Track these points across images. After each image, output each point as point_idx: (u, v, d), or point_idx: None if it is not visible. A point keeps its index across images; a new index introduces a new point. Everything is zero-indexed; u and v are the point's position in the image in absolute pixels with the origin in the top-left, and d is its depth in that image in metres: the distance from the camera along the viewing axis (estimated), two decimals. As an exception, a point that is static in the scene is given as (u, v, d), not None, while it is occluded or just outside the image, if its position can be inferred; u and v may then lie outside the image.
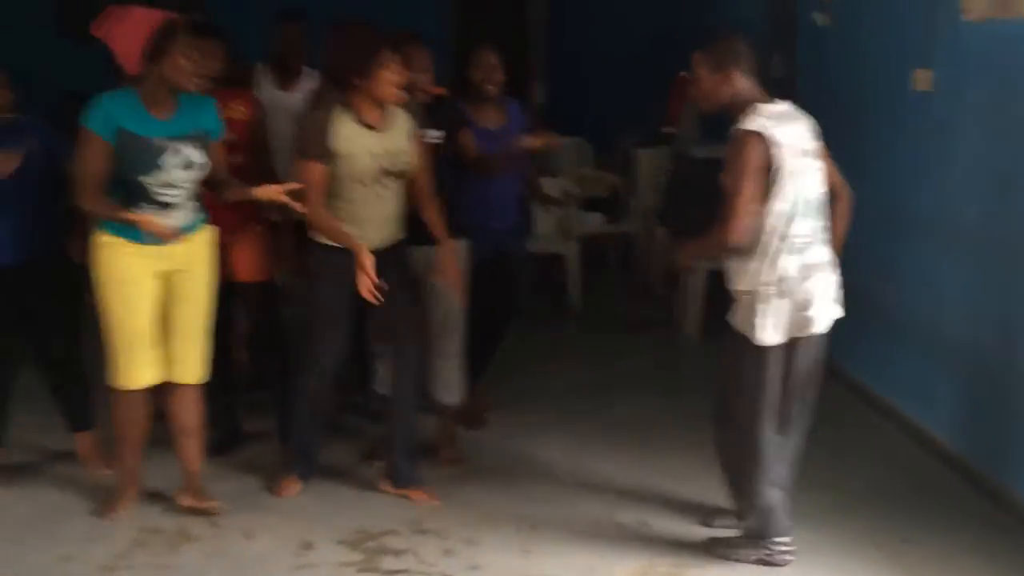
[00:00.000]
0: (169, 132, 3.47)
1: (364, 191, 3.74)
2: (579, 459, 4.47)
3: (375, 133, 3.71)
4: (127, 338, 3.59)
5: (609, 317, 6.79)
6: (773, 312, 3.30)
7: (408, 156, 3.78)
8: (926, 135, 4.61)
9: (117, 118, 3.41)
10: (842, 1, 5.55)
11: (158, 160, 3.44)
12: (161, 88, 3.45)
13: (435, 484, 4.13)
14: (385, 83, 3.63)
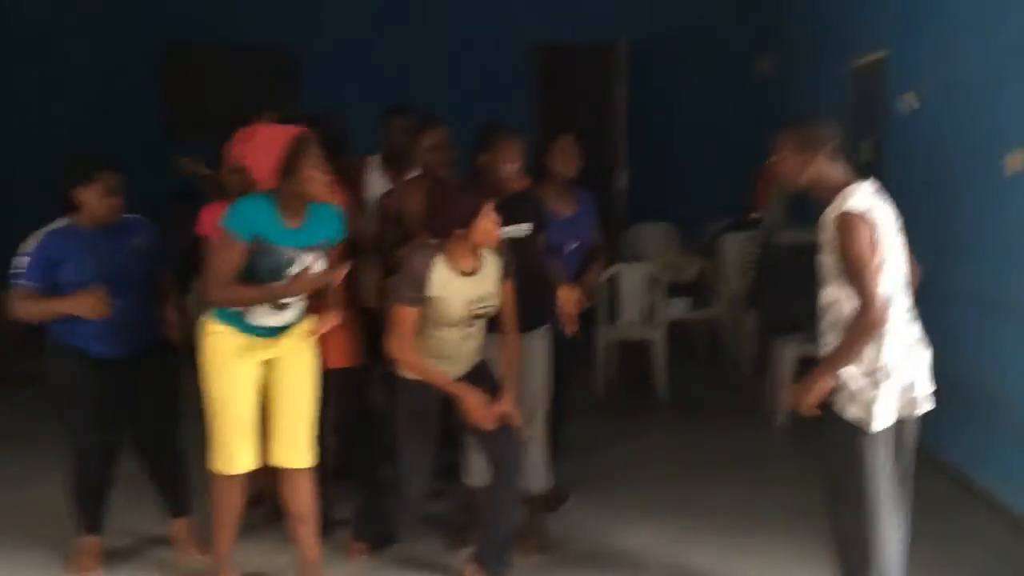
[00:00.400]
0: (299, 242, 3.61)
1: (452, 331, 3.86)
2: (670, 549, 4.39)
3: (468, 279, 3.83)
4: (229, 423, 3.68)
5: (697, 404, 6.70)
6: (884, 396, 3.22)
7: (496, 299, 3.90)
8: (1020, 219, 4.51)
9: (256, 224, 3.54)
10: (931, 84, 5.50)
11: (286, 270, 3.60)
12: (294, 199, 3.58)
13: (523, 573, 4.09)
14: (483, 232, 3.75)
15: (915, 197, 5.47)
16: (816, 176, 3.29)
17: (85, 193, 3.85)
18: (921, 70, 5.61)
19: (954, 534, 4.44)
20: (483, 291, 3.84)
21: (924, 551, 3.90)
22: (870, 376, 3.22)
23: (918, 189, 5.51)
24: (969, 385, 4.88)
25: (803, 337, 5.87)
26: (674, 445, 5.86)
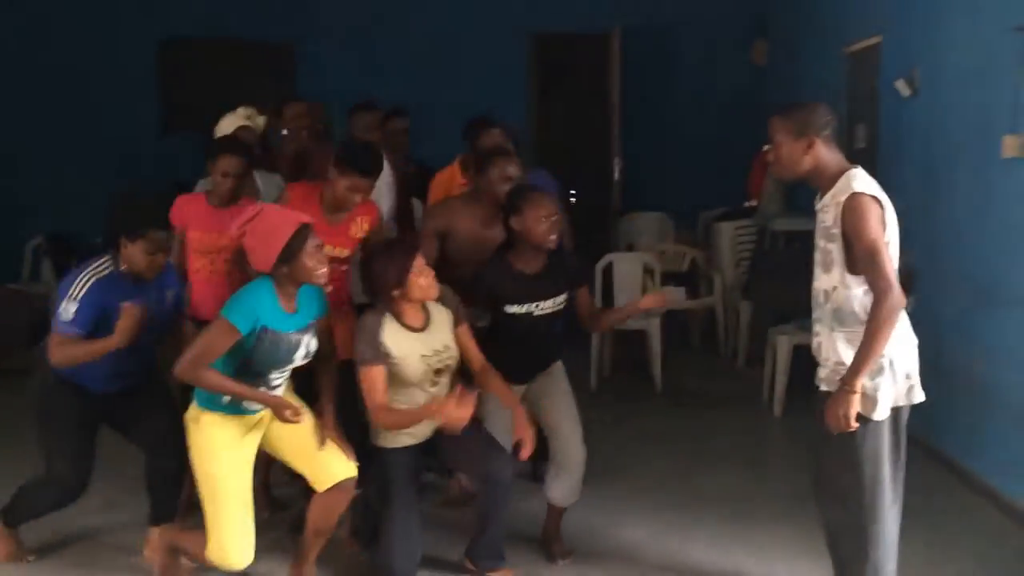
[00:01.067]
0: (298, 325, 3.61)
1: (417, 393, 3.80)
2: (665, 538, 4.39)
3: (419, 335, 3.78)
4: (226, 513, 3.56)
5: (692, 393, 6.70)
6: (885, 385, 3.17)
7: (454, 350, 3.83)
8: (1017, 203, 4.49)
9: (261, 316, 3.50)
10: (925, 69, 5.48)
11: (294, 355, 3.61)
12: (290, 284, 3.57)
13: (518, 565, 4.08)
14: (419, 288, 3.71)
15: (909, 183, 5.47)
16: (814, 161, 3.21)
17: (131, 248, 3.79)
18: (915, 55, 5.59)
19: (947, 521, 4.45)
20: (437, 344, 3.78)
21: (917, 538, 3.91)
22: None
23: (912, 175, 5.50)
24: (963, 372, 4.87)
25: (798, 325, 5.87)
26: (669, 434, 5.86)
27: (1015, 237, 4.51)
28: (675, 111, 9.79)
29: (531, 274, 3.97)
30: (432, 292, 3.75)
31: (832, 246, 3.15)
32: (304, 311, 3.64)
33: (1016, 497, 4.48)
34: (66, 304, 3.75)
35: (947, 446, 5.07)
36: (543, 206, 3.88)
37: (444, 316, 3.85)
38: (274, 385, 3.64)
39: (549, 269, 4.02)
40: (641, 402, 6.51)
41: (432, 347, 3.75)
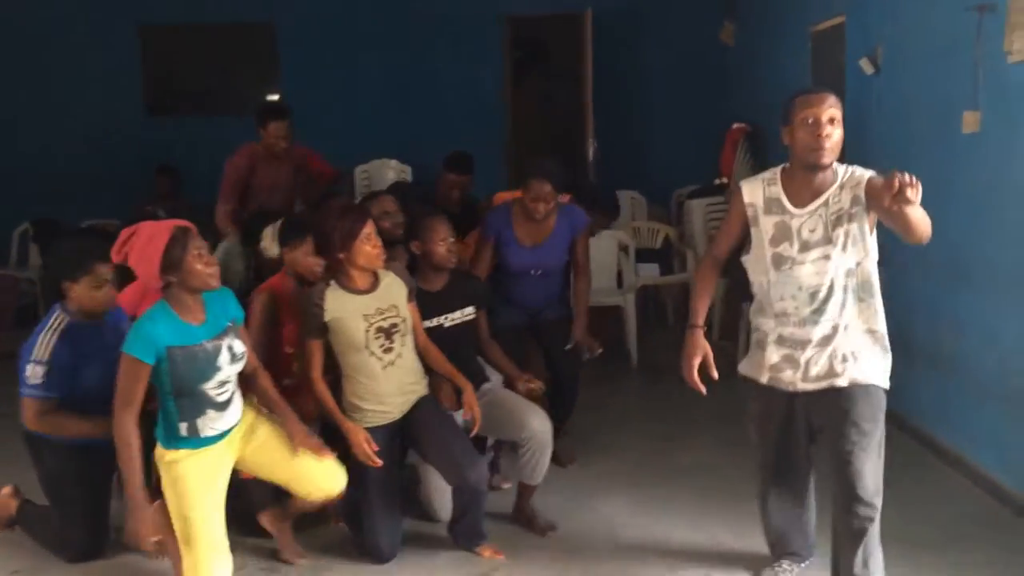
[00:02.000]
0: (210, 333, 3.52)
1: (373, 363, 3.92)
2: (642, 512, 4.50)
3: (363, 296, 3.93)
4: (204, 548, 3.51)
5: (667, 368, 6.79)
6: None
7: (403, 312, 3.98)
8: (976, 177, 4.63)
9: (159, 340, 3.40)
10: (888, 49, 5.60)
11: (216, 363, 3.50)
12: (186, 295, 3.48)
13: (499, 540, 4.19)
14: (364, 256, 3.88)
15: (873, 159, 5.56)
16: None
17: (76, 288, 3.82)
18: (878, 34, 5.70)
19: (919, 492, 4.55)
20: (381, 304, 3.91)
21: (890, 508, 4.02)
22: (882, 343, 3.42)
23: (876, 151, 5.61)
24: (931, 346, 5.00)
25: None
26: (645, 409, 5.96)
27: (976, 210, 4.64)
28: (647, 91, 9.89)
29: (435, 291, 4.28)
30: (377, 261, 3.90)
31: (852, 224, 3.28)
32: (214, 318, 3.55)
33: (984, 466, 4.62)
34: (33, 368, 3.78)
35: (919, 419, 5.21)
36: (439, 231, 4.22)
37: (398, 286, 4.00)
38: (220, 402, 3.55)
39: (452, 286, 4.34)
40: (617, 377, 6.63)
41: (375, 307, 3.89)
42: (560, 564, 4.04)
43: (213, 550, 3.52)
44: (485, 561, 4.05)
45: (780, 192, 3.39)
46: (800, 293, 3.36)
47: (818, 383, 3.41)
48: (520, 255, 4.76)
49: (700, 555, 4.07)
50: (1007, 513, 4.35)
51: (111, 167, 9.47)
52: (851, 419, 3.33)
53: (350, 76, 9.75)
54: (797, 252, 3.34)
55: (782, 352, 3.45)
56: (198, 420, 3.52)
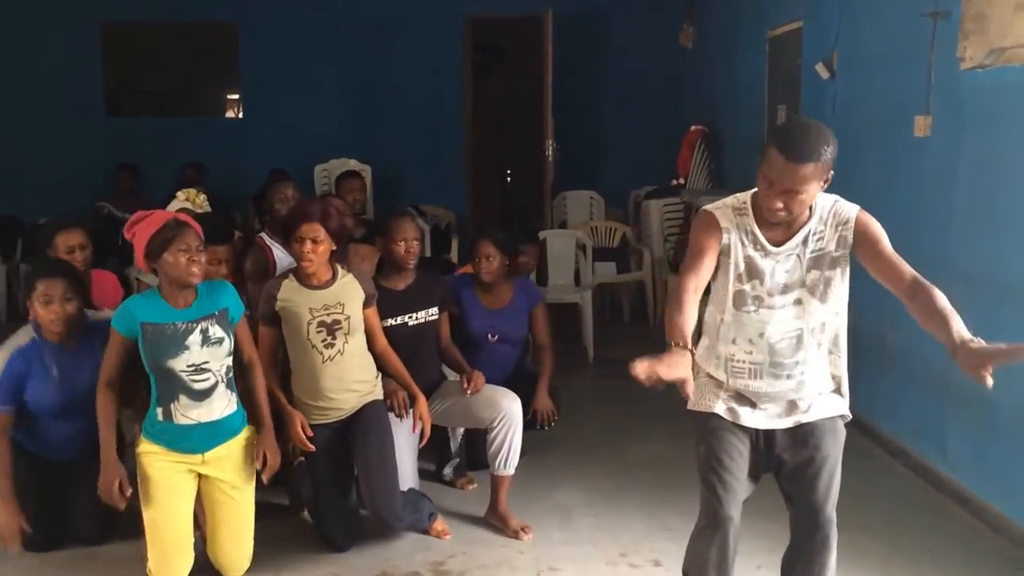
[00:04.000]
0: (188, 317, 3.55)
1: (315, 356, 3.97)
2: (596, 503, 4.58)
3: (314, 291, 3.98)
4: (167, 542, 3.61)
5: (622, 364, 6.84)
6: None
7: (350, 312, 3.99)
8: (926, 179, 4.75)
9: (138, 316, 3.52)
10: (843, 54, 5.71)
11: (184, 341, 3.51)
12: (171, 284, 3.53)
13: (456, 526, 4.27)
14: (297, 254, 3.93)
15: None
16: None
17: (33, 306, 3.79)
18: (833, 40, 5.82)
19: (864, 481, 4.61)
20: (328, 300, 3.96)
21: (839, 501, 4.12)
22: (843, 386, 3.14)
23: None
24: (876, 340, 5.12)
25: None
26: (601, 402, 6.03)
27: (923, 210, 4.76)
28: (606, 93, 9.98)
29: (400, 290, 4.36)
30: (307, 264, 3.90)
31: (834, 272, 2.92)
32: (201, 305, 3.59)
33: (925, 456, 4.76)
34: None
35: (865, 412, 5.32)
36: (398, 230, 4.29)
37: (353, 288, 4.04)
38: (195, 389, 3.54)
39: (417, 285, 4.41)
40: (574, 372, 6.67)
41: (322, 302, 3.95)
42: (514, 551, 4.09)
43: (174, 547, 3.61)
44: (442, 549, 4.09)
45: (752, 224, 2.89)
46: (760, 341, 2.92)
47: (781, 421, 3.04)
48: (480, 316, 4.69)
49: (651, 540, 4.15)
50: (946, 500, 4.50)
51: (70, 165, 9.40)
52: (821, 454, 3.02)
53: (311, 75, 9.75)
54: (767, 294, 2.90)
55: (731, 404, 3.03)
56: (172, 404, 3.54)
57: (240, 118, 10.07)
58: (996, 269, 4.18)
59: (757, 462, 3.05)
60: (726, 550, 3.00)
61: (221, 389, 3.61)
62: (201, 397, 3.56)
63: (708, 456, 3.01)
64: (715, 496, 2.97)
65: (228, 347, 3.62)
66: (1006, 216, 4.12)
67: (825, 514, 3.04)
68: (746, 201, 2.93)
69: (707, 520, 3.01)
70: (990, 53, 4.21)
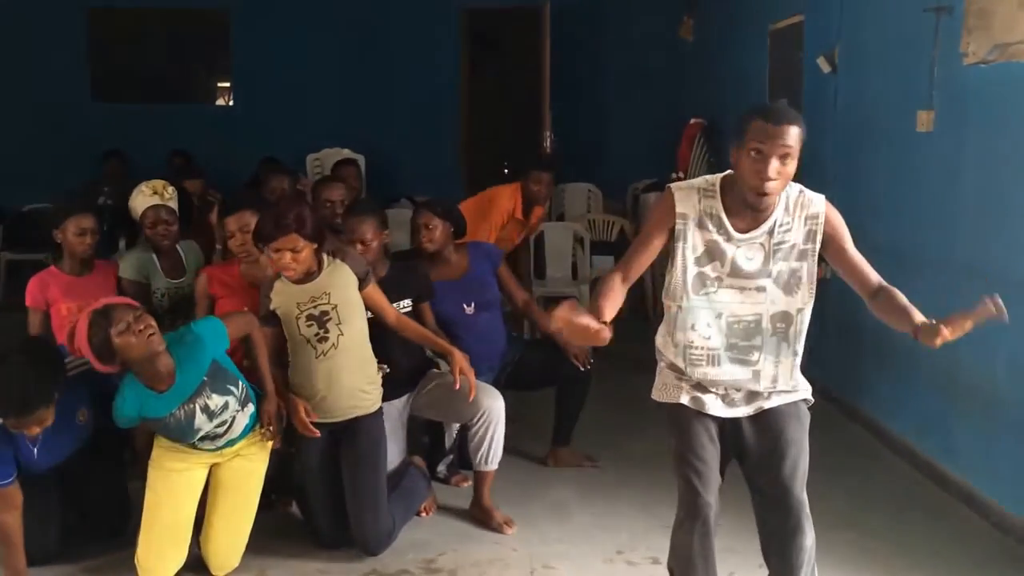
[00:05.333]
0: (180, 398, 3.52)
1: (308, 352, 3.89)
2: (592, 498, 4.54)
3: (301, 286, 3.91)
4: (164, 529, 3.60)
5: (619, 358, 6.81)
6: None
7: (338, 300, 3.90)
8: (929, 175, 4.70)
9: (132, 414, 3.52)
10: (845, 48, 5.66)
11: (192, 426, 3.55)
12: (144, 365, 3.44)
13: (448, 522, 4.23)
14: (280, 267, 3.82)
15: (829, 156, 5.67)
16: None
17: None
18: (835, 34, 5.77)
19: (869, 482, 4.64)
20: (315, 292, 3.88)
21: (839, 499, 4.10)
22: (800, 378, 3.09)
23: (832, 149, 5.69)
24: (882, 338, 5.06)
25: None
26: (599, 397, 5.97)
27: (928, 206, 4.72)
28: (605, 85, 9.94)
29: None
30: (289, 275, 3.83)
31: (801, 264, 2.88)
32: (184, 378, 3.52)
33: (931, 454, 4.71)
34: None
35: (869, 409, 5.29)
36: (355, 231, 4.23)
37: (340, 273, 3.95)
38: (217, 434, 3.61)
39: (390, 278, 4.30)
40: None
41: (308, 295, 3.88)
42: (507, 548, 4.05)
43: (169, 536, 3.61)
44: (434, 546, 4.04)
45: (719, 208, 2.87)
46: (717, 322, 2.90)
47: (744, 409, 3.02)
48: (447, 292, 4.57)
49: (648, 538, 4.10)
50: (952, 500, 4.46)
51: (55, 151, 9.33)
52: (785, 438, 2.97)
53: (304, 64, 9.70)
54: (727, 275, 2.87)
55: (694, 394, 3.00)
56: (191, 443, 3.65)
57: (231, 106, 10.01)
58: (1000, 265, 4.13)
59: (725, 450, 3.04)
60: (708, 538, 2.97)
61: (239, 416, 3.68)
62: (222, 435, 3.66)
63: (680, 448, 3.00)
64: (691, 487, 2.96)
65: (235, 403, 3.64)
66: (1010, 212, 4.08)
67: (795, 496, 2.97)
68: (715, 184, 2.91)
69: (686, 511, 3.00)
70: (993, 48, 4.16)
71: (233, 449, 3.72)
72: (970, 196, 4.37)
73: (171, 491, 3.61)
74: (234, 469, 3.74)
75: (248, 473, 3.78)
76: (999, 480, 4.21)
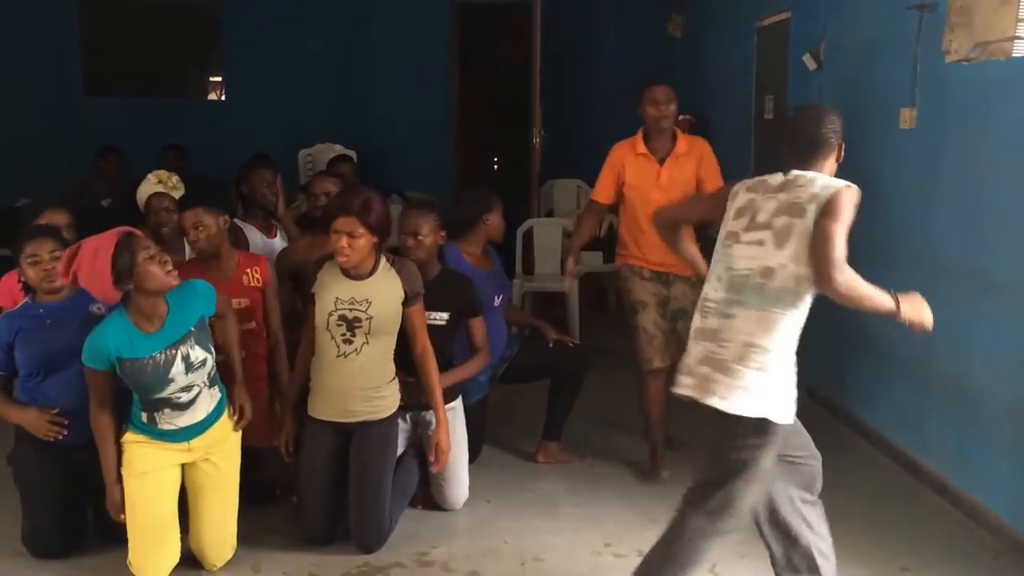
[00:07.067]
0: (165, 342, 3.50)
1: (331, 348, 3.87)
2: (581, 491, 4.59)
3: (350, 281, 3.89)
4: (145, 529, 3.61)
5: (607, 353, 6.88)
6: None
7: (377, 310, 3.86)
8: (911, 171, 4.76)
9: (111, 350, 3.45)
10: (830, 45, 5.72)
11: (167, 375, 3.50)
12: (145, 300, 3.47)
13: (439, 516, 4.28)
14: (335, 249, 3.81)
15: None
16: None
17: (23, 265, 3.73)
18: (821, 31, 5.82)
19: (846, 474, 4.64)
20: (357, 294, 3.85)
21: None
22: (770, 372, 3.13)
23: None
24: (860, 331, 5.14)
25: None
26: (586, 393, 6.00)
27: (908, 202, 4.79)
28: (594, 81, 9.97)
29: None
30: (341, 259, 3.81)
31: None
32: (173, 323, 3.54)
33: (906, 445, 4.80)
34: None
35: (847, 401, 5.36)
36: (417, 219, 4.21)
37: (392, 283, 3.91)
38: (180, 403, 3.57)
39: (439, 285, 4.27)
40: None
41: (351, 294, 3.85)
42: (498, 540, 4.10)
43: (152, 536, 3.62)
44: (425, 540, 4.09)
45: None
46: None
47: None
48: (483, 282, 4.62)
49: (635, 530, 4.16)
50: (926, 490, 4.55)
51: (45, 145, 9.30)
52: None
53: (295, 59, 9.70)
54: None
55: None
56: (155, 414, 3.59)
57: (223, 100, 10.02)
58: (979, 261, 4.20)
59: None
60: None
61: (204, 393, 3.65)
62: (186, 407, 3.61)
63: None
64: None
65: (211, 363, 3.63)
66: (989, 208, 4.14)
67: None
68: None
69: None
70: (975, 47, 4.22)
71: (202, 446, 3.67)
72: (950, 193, 4.43)
73: (145, 494, 3.60)
74: (207, 473, 3.72)
75: (220, 474, 3.75)
76: (972, 472, 4.29)
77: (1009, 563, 3.87)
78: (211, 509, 3.75)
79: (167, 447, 3.63)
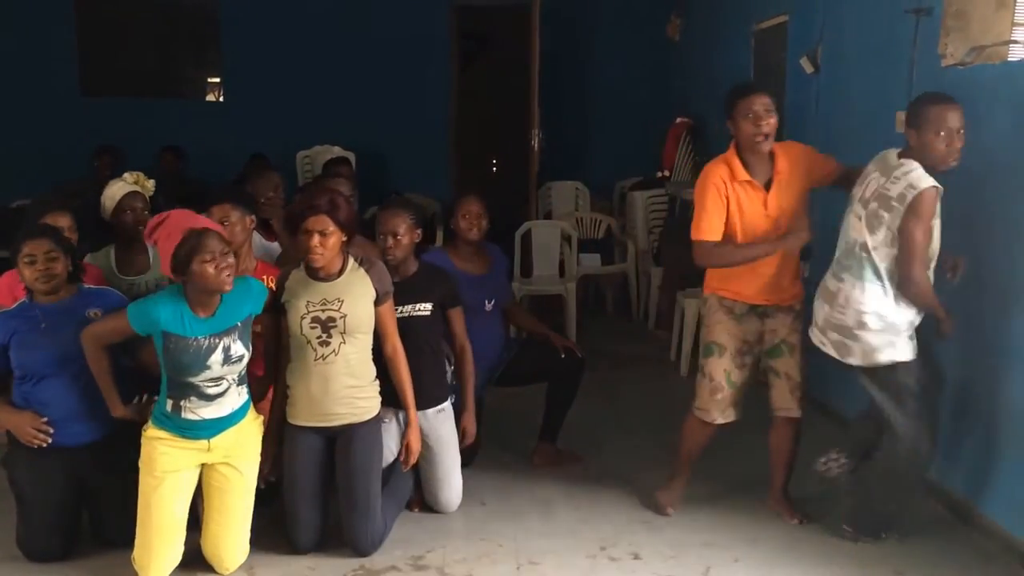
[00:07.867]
0: (212, 329, 3.58)
1: (308, 353, 3.86)
2: (577, 494, 4.59)
3: (319, 284, 3.89)
4: (156, 529, 3.62)
5: (605, 355, 6.90)
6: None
7: (348, 310, 3.86)
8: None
9: (160, 322, 3.54)
10: (827, 48, 5.72)
11: (206, 361, 3.56)
12: (199, 291, 3.56)
13: (435, 519, 4.28)
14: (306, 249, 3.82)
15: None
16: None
17: (20, 266, 3.73)
18: (818, 34, 5.82)
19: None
20: (330, 295, 3.85)
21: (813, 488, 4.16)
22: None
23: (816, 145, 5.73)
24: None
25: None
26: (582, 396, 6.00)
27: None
28: (593, 83, 9.97)
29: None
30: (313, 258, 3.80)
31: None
32: (225, 315, 3.62)
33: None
34: None
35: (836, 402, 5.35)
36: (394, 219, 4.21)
37: (362, 282, 3.92)
38: (209, 394, 3.61)
39: (419, 279, 4.32)
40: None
41: (322, 296, 3.86)
42: (493, 544, 4.10)
43: (162, 537, 3.63)
44: (421, 543, 4.09)
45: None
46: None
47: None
48: (472, 286, 4.64)
49: (630, 533, 4.17)
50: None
51: (42, 146, 9.27)
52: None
53: (293, 60, 9.69)
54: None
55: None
56: (182, 401, 3.61)
57: (221, 101, 10.01)
58: (973, 266, 4.19)
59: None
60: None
61: (233, 389, 3.69)
62: (212, 399, 3.64)
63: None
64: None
65: (246, 361, 3.68)
66: (984, 213, 4.14)
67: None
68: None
69: None
70: (971, 51, 4.23)
71: (222, 447, 3.69)
72: (945, 196, 4.42)
73: (161, 494, 3.62)
74: (226, 476, 3.73)
75: (242, 479, 3.76)
76: (962, 473, 4.30)
77: (1002, 566, 3.87)
78: (231, 513, 3.76)
79: (188, 446, 3.64)
